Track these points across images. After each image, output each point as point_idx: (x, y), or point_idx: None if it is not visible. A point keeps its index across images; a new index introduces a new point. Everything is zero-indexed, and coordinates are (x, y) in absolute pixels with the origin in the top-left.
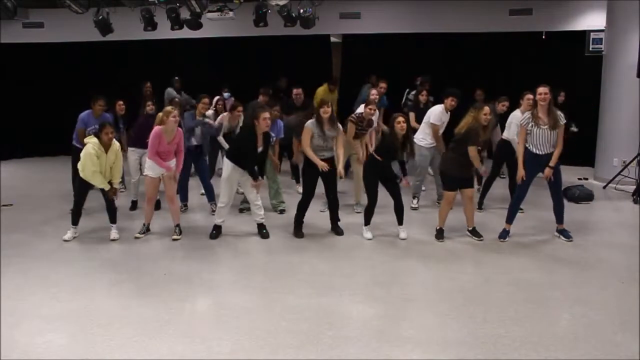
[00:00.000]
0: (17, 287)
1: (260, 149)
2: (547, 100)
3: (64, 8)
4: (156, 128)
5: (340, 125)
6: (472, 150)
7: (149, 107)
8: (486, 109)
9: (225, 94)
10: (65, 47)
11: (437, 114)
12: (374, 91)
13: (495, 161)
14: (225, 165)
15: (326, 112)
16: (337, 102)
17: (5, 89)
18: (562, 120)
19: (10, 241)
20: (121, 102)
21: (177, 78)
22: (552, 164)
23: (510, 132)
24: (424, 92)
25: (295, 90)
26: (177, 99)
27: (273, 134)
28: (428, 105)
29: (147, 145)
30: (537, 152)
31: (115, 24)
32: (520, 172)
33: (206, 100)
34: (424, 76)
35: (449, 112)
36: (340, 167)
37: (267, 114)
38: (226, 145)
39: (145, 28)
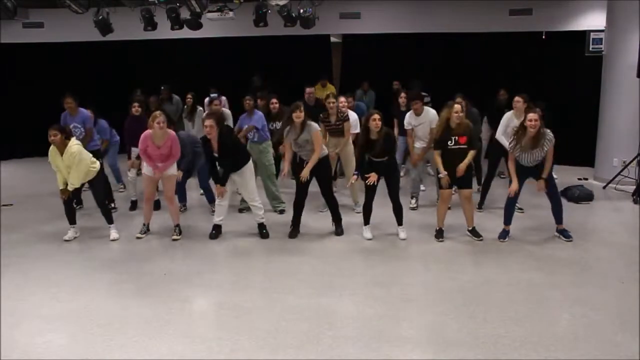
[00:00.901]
0: (17, 287)
1: (215, 154)
2: (537, 127)
3: (64, 8)
4: (146, 132)
5: (316, 126)
6: (435, 155)
7: (134, 109)
8: (456, 107)
9: (212, 95)
10: (65, 47)
11: (406, 119)
12: (342, 99)
13: (491, 161)
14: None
15: (298, 116)
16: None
17: (5, 89)
18: (547, 146)
19: (10, 241)
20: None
21: (162, 88)
22: (544, 176)
23: (499, 131)
24: (402, 95)
25: (307, 90)
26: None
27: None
28: (409, 107)
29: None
30: (523, 164)
31: (115, 24)
32: (514, 186)
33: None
34: (414, 81)
35: (422, 114)
36: (305, 172)
37: (207, 121)
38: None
39: (145, 28)
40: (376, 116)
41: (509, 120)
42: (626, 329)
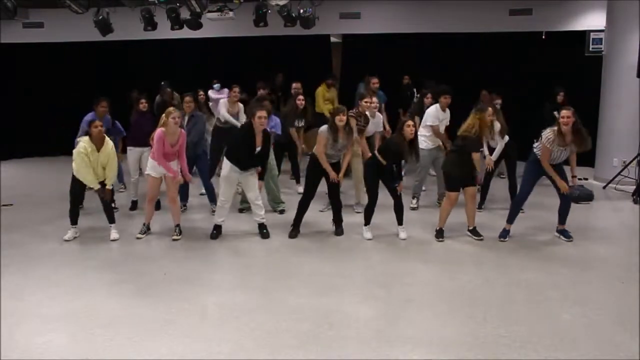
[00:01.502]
0: (17, 287)
1: (258, 149)
2: (570, 123)
3: (64, 8)
4: (158, 131)
5: (355, 134)
6: (476, 156)
7: (142, 105)
8: (489, 110)
9: (216, 86)
10: (65, 47)
11: (432, 114)
12: (373, 83)
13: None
14: (224, 164)
15: (341, 120)
16: (337, 101)
17: (5, 89)
18: (589, 146)
19: (10, 241)
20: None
21: (163, 83)
22: (574, 173)
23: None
24: (429, 96)
25: (294, 85)
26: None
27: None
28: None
29: (145, 144)
30: (550, 163)
31: (115, 24)
32: (563, 184)
33: (188, 98)
34: (427, 81)
35: (446, 110)
36: (341, 175)
37: (262, 112)
38: (237, 124)
39: (145, 28)
40: (410, 123)
41: None
42: (626, 329)
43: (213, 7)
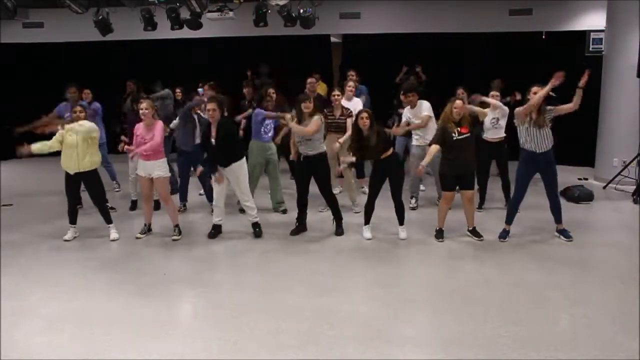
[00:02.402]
0: (17, 287)
1: (213, 139)
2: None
3: (64, 8)
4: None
5: (318, 117)
6: (432, 148)
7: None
8: (457, 102)
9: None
10: (65, 47)
11: (404, 113)
12: (350, 83)
13: (482, 159)
14: None
15: (307, 107)
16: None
17: (5, 89)
18: (552, 114)
19: (10, 241)
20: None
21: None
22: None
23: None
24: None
25: (309, 79)
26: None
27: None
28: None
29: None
30: (535, 150)
31: (115, 24)
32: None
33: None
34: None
35: (417, 107)
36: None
37: (210, 105)
38: None
39: (145, 28)
40: (364, 114)
41: None
42: (626, 329)
43: (213, 7)
